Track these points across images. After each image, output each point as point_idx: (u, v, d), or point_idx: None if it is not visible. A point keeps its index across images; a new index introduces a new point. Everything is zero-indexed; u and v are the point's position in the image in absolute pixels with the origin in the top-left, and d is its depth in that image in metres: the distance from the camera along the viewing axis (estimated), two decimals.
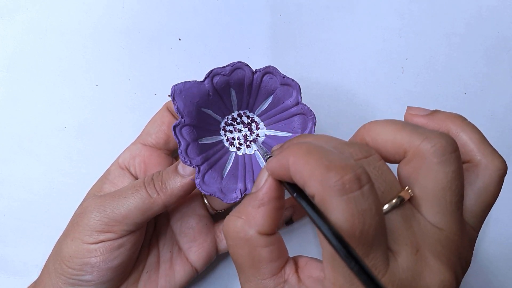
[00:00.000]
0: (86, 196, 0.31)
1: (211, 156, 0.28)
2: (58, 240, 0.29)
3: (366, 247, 0.17)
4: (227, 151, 0.30)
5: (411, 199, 0.19)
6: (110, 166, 0.32)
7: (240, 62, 0.27)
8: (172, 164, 0.32)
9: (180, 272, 0.31)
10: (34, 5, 0.36)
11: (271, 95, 0.29)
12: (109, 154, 0.33)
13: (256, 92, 0.28)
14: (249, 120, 0.30)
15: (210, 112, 0.28)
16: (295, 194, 0.19)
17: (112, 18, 0.36)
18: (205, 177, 0.27)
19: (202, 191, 0.27)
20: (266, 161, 0.23)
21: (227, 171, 0.29)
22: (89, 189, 0.31)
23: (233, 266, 0.36)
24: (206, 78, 0.26)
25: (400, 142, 0.19)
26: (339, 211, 0.17)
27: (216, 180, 0.28)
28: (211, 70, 0.26)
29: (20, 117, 0.35)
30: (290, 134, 0.29)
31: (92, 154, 0.36)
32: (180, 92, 0.26)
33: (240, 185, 0.28)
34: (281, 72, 0.27)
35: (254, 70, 0.27)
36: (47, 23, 0.36)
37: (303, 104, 0.28)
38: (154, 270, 0.31)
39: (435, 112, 0.23)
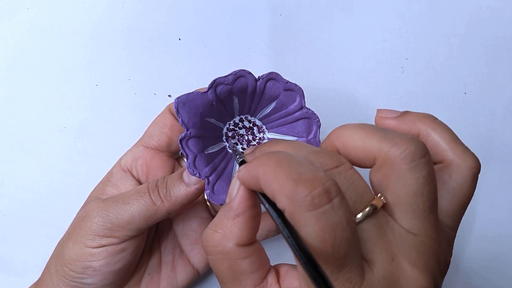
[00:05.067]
0: (88, 198, 0.31)
1: (217, 165, 0.28)
2: (60, 242, 0.29)
3: (339, 261, 0.17)
4: (231, 158, 0.29)
5: (385, 206, 0.19)
6: (113, 168, 0.31)
7: (243, 70, 0.26)
8: (174, 166, 0.32)
9: (182, 274, 0.31)
10: (34, 5, 0.36)
11: (274, 100, 0.28)
12: (109, 154, 0.33)
13: (259, 99, 0.28)
14: (251, 125, 0.30)
15: (213, 120, 0.28)
16: (267, 205, 0.19)
17: (112, 18, 0.36)
18: (215, 187, 0.27)
19: (213, 202, 0.27)
20: (238, 165, 0.23)
21: None
22: (91, 190, 0.31)
23: None
24: (209, 88, 0.26)
25: (370, 149, 0.19)
26: (309, 227, 0.17)
27: (225, 189, 0.27)
28: (214, 80, 0.26)
29: (20, 117, 0.35)
30: (295, 138, 0.29)
31: (92, 154, 0.36)
32: (184, 104, 0.26)
33: None
34: (284, 78, 0.27)
35: (257, 77, 0.27)
36: (47, 23, 0.36)
37: (307, 108, 0.28)
38: (156, 272, 0.31)
39: (405, 113, 0.23)
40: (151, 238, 0.32)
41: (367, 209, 0.18)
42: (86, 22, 0.36)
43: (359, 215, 0.18)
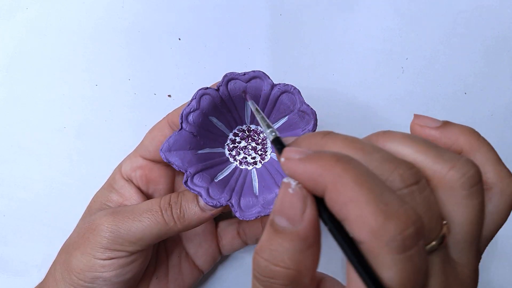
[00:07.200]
0: (92, 203, 0.31)
1: (234, 186, 0.27)
2: (65, 249, 0.29)
3: None
4: (247, 171, 0.29)
5: None
6: (115, 174, 0.31)
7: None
8: (174, 175, 0.32)
9: (188, 275, 0.32)
10: (34, 4, 0.36)
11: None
12: (109, 154, 0.33)
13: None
14: (249, 133, 0.30)
15: (210, 150, 0.28)
16: (328, 227, 0.16)
17: (112, 18, 0.36)
18: (241, 206, 0.26)
19: (246, 219, 0.26)
20: (277, 151, 0.19)
21: (257, 189, 0.28)
22: (91, 190, 0.31)
23: (233, 267, 0.36)
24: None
25: (422, 166, 0.17)
26: (394, 271, 0.15)
27: (252, 202, 0.27)
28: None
29: (20, 117, 0.35)
30: None
31: (92, 154, 0.36)
32: (169, 151, 0.26)
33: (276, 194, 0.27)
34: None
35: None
36: (47, 23, 0.36)
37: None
38: (164, 275, 0.31)
39: (447, 124, 0.21)
40: (158, 243, 0.32)
41: (435, 242, 0.16)
42: (86, 22, 0.36)
43: (428, 246, 0.16)
